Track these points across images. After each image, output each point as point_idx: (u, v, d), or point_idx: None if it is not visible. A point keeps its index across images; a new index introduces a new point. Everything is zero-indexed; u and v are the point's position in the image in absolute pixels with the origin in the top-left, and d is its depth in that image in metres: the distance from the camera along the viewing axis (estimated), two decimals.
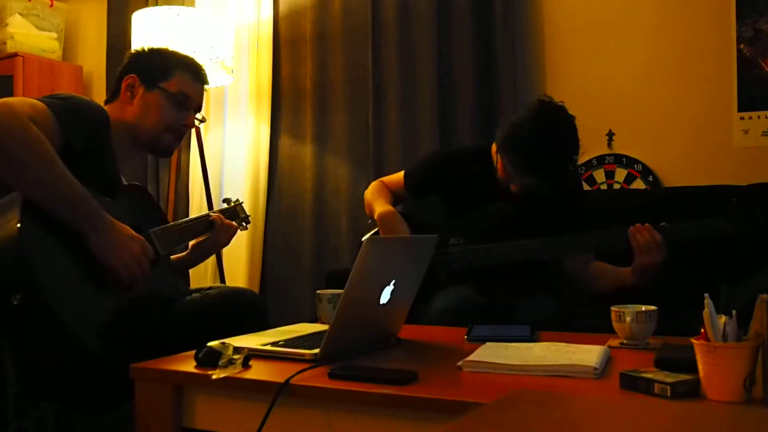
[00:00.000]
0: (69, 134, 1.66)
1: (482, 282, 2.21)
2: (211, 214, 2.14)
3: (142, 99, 1.92)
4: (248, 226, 2.38)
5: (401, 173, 2.47)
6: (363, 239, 1.62)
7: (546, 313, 2.06)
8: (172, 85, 1.95)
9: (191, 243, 2.15)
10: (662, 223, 2.07)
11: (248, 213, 2.40)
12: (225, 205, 2.33)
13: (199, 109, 2.05)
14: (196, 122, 2.06)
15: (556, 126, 2.09)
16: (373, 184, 2.48)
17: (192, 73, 2.00)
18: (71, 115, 1.68)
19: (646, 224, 2.05)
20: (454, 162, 2.39)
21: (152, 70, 1.95)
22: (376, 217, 2.29)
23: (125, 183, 1.95)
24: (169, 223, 1.99)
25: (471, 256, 2.22)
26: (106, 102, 1.97)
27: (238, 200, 2.38)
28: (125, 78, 1.94)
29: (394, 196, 2.43)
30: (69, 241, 1.58)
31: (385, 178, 2.52)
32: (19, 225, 1.48)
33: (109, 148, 1.84)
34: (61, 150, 1.61)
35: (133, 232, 1.70)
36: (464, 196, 2.33)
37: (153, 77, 1.94)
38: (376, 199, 2.37)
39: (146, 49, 2.04)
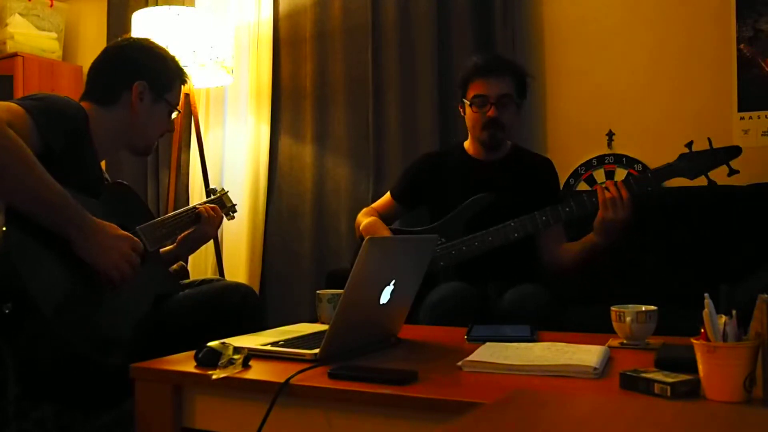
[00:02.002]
0: (47, 136, 1.63)
1: (471, 277, 2.24)
2: (197, 206, 2.13)
3: (149, 109, 1.93)
4: (235, 215, 2.37)
5: (387, 193, 2.60)
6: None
7: (533, 301, 2.08)
8: (173, 97, 2.00)
9: (180, 236, 2.14)
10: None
11: (236, 204, 2.39)
12: (211, 196, 2.33)
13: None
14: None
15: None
16: (363, 210, 2.60)
17: (183, 81, 2.05)
18: (48, 116, 1.65)
19: (617, 181, 2.15)
20: (431, 159, 2.54)
21: (161, 81, 1.96)
22: (361, 228, 2.39)
23: (108, 181, 1.94)
24: (156, 219, 1.97)
25: (454, 251, 2.25)
26: (100, 102, 1.89)
27: (223, 189, 2.37)
28: (135, 84, 1.89)
29: (383, 218, 2.53)
30: (56, 245, 1.57)
31: (374, 204, 2.65)
32: (4, 228, 1.48)
33: (89, 146, 1.81)
34: (40, 152, 1.58)
35: (119, 230, 1.68)
36: (446, 189, 2.42)
37: (161, 89, 1.96)
38: (362, 218, 2.50)
39: (151, 50, 1.99)
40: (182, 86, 2.05)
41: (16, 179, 1.51)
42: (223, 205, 2.31)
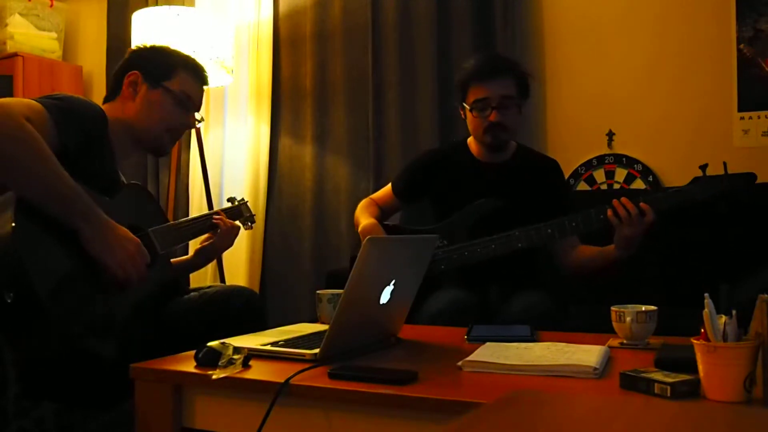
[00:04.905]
0: (65, 134, 1.65)
1: (472, 281, 2.23)
2: (214, 217, 2.14)
3: (145, 97, 1.91)
4: (253, 225, 2.39)
5: (389, 185, 2.55)
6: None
7: (538, 309, 2.07)
8: (175, 84, 1.95)
9: (197, 248, 2.15)
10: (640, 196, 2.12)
11: (255, 214, 2.40)
12: (228, 204, 2.34)
13: (198, 109, 2.04)
14: (195, 123, 2.06)
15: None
16: (363, 202, 2.55)
17: (194, 73, 2.00)
18: (67, 115, 1.67)
19: (623, 198, 2.08)
20: (434, 157, 2.50)
21: (156, 68, 1.94)
22: (359, 230, 2.34)
23: (125, 182, 1.95)
24: (169, 222, 1.99)
25: (456, 255, 2.24)
26: (106, 99, 1.96)
27: (243, 199, 2.38)
28: (128, 75, 1.92)
29: (383, 211, 2.51)
30: (65, 241, 1.58)
31: (375, 195, 2.60)
32: (13, 224, 1.48)
33: (107, 146, 1.83)
34: (58, 149, 1.60)
35: (129, 233, 1.69)
36: (449, 188, 2.39)
37: (156, 75, 1.93)
38: (361, 215, 2.45)
39: (149, 46, 2.04)
40: (190, 76, 1.99)
41: (29, 170, 1.53)
42: (240, 214, 2.33)
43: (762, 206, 2.56)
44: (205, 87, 2.06)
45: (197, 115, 2.05)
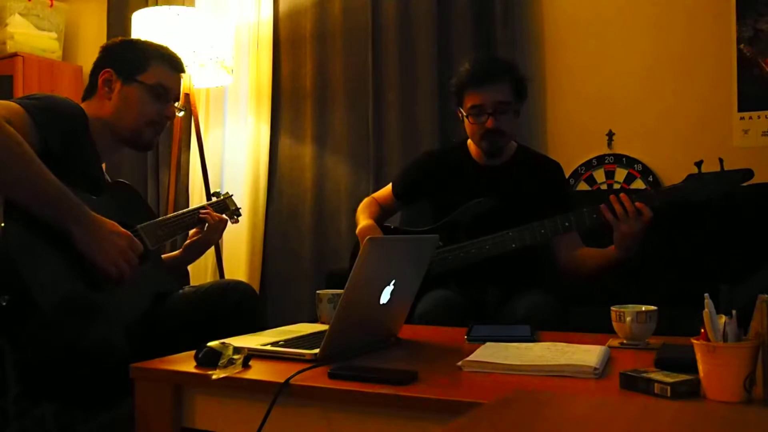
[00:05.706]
0: (46, 134, 1.64)
1: (470, 282, 2.22)
2: (201, 210, 2.13)
3: (121, 93, 1.89)
4: (239, 219, 2.37)
5: (390, 185, 2.55)
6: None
7: (543, 311, 2.06)
8: (150, 78, 1.92)
9: (186, 242, 2.15)
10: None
11: (240, 207, 2.39)
12: (214, 199, 2.33)
13: (178, 99, 2.01)
14: (176, 113, 2.02)
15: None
16: (364, 201, 2.55)
17: (168, 63, 1.97)
18: (47, 115, 1.66)
19: (621, 194, 2.06)
20: (433, 159, 2.50)
21: (128, 63, 1.91)
22: (357, 231, 2.34)
23: (109, 180, 1.94)
24: (157, 218, 1.98)
25: (451, 257, 2.23)
26: (84, 99, 1.93)
27: (227, 193, 2.37)
28: (101, 73, 1.89)
29: (384, 210, 2.51)
30: (56, 241, 1.58)
31: (376, 194, 2.60)
32: (2, 225, 1.48)
33: (89, 145, 1.82)
34: (39, 150, 1.59)
35: (118, 226, 1.69)
36: (448, 190, 2.38)
37: (130, 70, 1.90)
38: (361, 214, 2.44)
39: (119, 40, 2.01)
40: (165, 67, 1.95)
41: (15, 174, 1.52)
42: (226, 208, 2.32)
43: (762, 206, 2.56)
44: (182, 75, 2.02)
45: (177, 104, 2.02)
